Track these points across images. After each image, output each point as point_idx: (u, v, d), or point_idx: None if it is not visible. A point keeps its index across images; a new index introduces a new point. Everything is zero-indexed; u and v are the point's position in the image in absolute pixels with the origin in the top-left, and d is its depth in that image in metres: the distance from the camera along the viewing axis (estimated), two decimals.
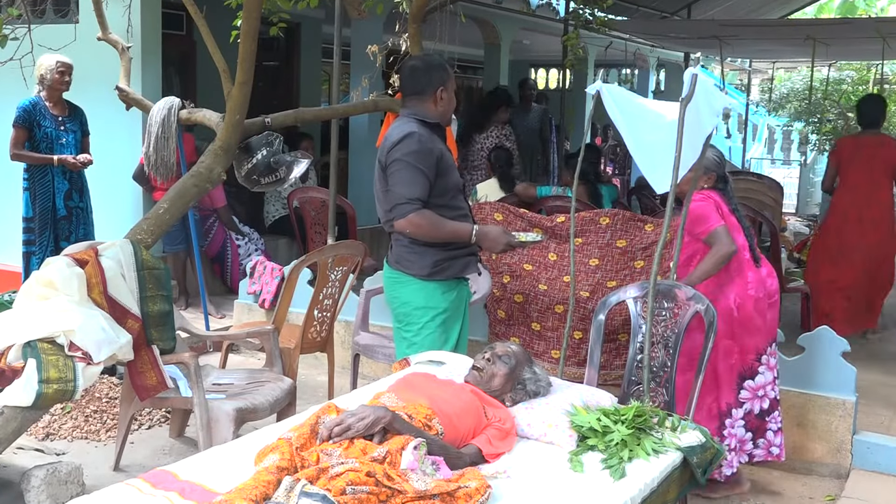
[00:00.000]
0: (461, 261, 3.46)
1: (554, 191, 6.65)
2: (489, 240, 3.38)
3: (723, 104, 3.68)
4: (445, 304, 3.44)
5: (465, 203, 3.58)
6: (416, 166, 3.27)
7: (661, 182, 3.53)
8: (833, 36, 9.19)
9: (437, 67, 3.50)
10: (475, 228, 3.37)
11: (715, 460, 2.82)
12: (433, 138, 3.39)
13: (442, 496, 2.14)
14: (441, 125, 3.53)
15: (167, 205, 4.27)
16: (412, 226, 3.29)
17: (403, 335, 3.52)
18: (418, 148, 3.29)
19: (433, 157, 3.32)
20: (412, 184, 3.27)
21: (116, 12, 5.78)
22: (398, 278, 3.47)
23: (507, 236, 3.41)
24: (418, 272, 3.40)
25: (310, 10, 5.97)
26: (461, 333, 3.53)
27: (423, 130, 3.36)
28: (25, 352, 3.25)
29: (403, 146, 3.30)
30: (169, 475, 2.25)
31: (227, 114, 4.45)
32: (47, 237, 5.48)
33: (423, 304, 3.43)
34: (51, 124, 5.44)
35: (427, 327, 3.43)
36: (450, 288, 3.45)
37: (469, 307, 3.69)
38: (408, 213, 3.27)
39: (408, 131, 3.32)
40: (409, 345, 3.48)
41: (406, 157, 3.28)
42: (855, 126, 15.83)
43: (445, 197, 3.40)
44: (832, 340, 4.20)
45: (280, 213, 7.71)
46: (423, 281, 3.40)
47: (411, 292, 3.43)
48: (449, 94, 3.49)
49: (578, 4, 8.95)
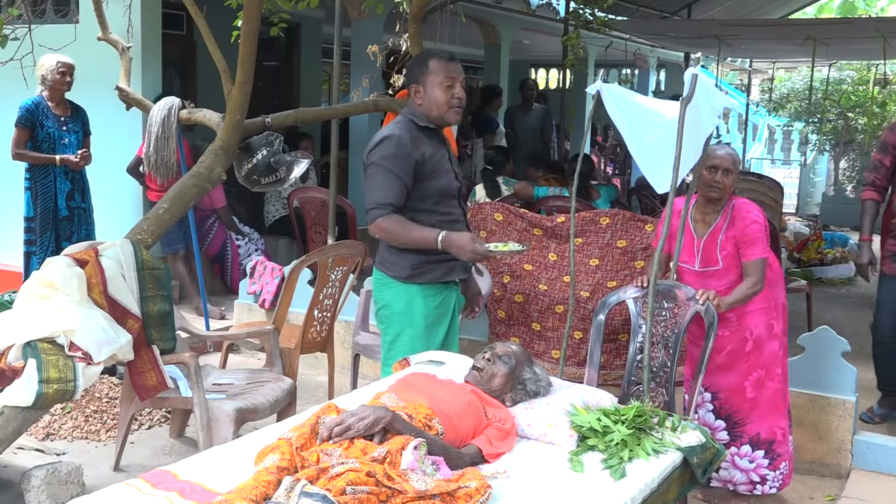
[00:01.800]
0: (443, 266, 3.33)
1: (551, 191, 6.66)
2: (455, 247, 3.18)
3: (723, 104, 3.69)
4: (426, 309, 3.33)
5: (459, 207, 3.45)
6: (390, 170, 3.19)
7: (661, 182, 3.53)
8: (833, 36, 9.19)
9: (416, 62, 3.37)
10: (441, 234, 3.19)
11: (715, 460, 2.82)
12: (419, 141, 3.27)
13: (442, 496, 2.14)
14: (434, 128, 3.36)
15: (167, 205, 4.27)
16: (380, 231, 3.23)
17: (384, 337, 3.46)
18: (395, 152, 3.20)
19: (411, 161, 3.21)
20: (384, 188, 3.20)
21: (116, 12, 5.78)
22: (382, 280, 3.40)
23: (473, 244, 3.17)
24: (398, 274, 3.32)
25: (310, 10, 5.97)
26: (446, 340, 3.41)
27: (407, 133, 3.25)
28: (25, 352, 3.25)
29: (380, 150, 3.23)
30: (169, 475, 2.25)
31: (227, 114, 4.45)
32: (48, 237, 5.48)
33: (403, 308, 3.34)
34: (53, 124, 5.44)
35: (405, 333, 3.35)
36: (435, 292, 3.34)
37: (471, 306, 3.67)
38: (376, 218, 3.21)
39: (387, 134, 3.25)
40: (388, 348, 3.42)
41: (381, 161, 3.21)
42: (855, 125, 15.86)
43: (429, 201, 3.29)
44: (832, 340, 4.19)
45: (280, 213, 7.71)
46: (404, 284, 3.32)
47: (393, 295, 3.36)
48: (427, 92, 3.29)
49: (578, 4, 8.96)
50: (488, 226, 5.00)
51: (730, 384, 3.79)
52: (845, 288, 8.63)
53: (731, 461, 3.83)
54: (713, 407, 3.84)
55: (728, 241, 3.71)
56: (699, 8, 12.31)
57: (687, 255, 3.76)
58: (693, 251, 3.76)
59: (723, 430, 3.84)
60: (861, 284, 8.98)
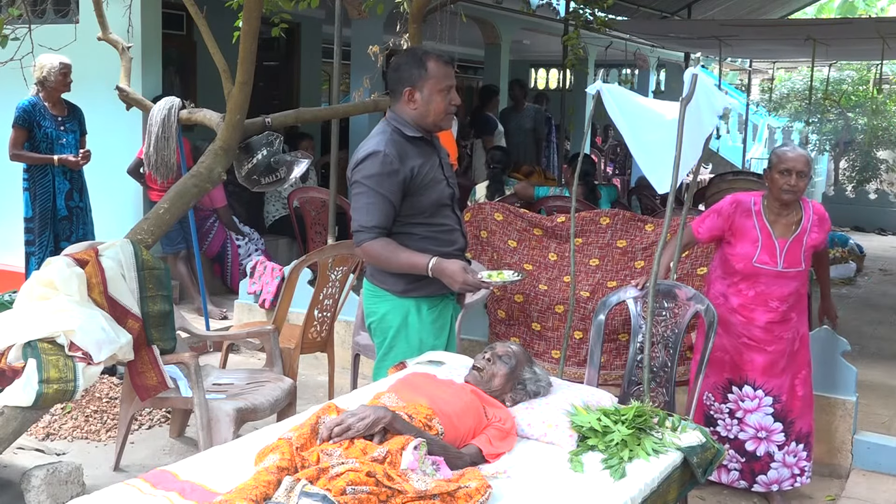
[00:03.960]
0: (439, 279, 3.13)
1: (552, 191, 6.66)
2: (446, 276, 3.03)
3: (723, 104, 3.69)
4: (422, 324, 3.19)
5: (454, 215, 3.28)
6: (375, 191, 3.03)
7: (662, 182, 3.54)
8: (833, 36, 9.19)
9: (409, 63, 3.11)
10: (432, 262, 3.04)
11: (715, 460, 2.82)
12: (407, 154, 3.08)
13: (442, 496, 2.14)
14: (422, 137, 3.16)
15: (167, 205, 4.27)
16: (367, 255, 3.13)
17: (377, 350, 3.35)
18: (380, 170, 3.02)
19: (398, 179, 3.03)
20: (370, 210, 3.05)
21: (116, 12, 5.78)
22: (375, 292, 3.26)
23: (465, 275, 3.01)
24: (393, 287, 3.18)
25: (310, 10, 5.97)
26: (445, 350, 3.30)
27: (394, 148, 3.05)
28: (26, 352, 3.24)
29: (365, 167, 3.05)
30: (169, 475, 2.25)
31: (227, 114, 4.45)
32: (47, 237, 5.48)
33: (399, 323, 3.20)
34: (51, 124, 5.44)
35: (399, 347, 3.24)
36: (431, 305, 3.20)
37: (469, 307, 3.66)
38: (362, 242, 3.09)
39: (372, 150, 3.05)
40: (381, 359, 3.31)
41: (366, 181, 3.04)
42: (855, 125, 15.86)
43: (421, 215, 3.14)
44: (832, 340, 4.19)
45: (280, 213, 7.71)
46: (398, 298, 3.18)
47: (388, 309, 3.22)
48: (426, 96, 3.08)
49: (578, 4, 8.96)
50: (488, 226, 5.00)
51: (788, 385, 3.81)
52: (845, 288, 8.63)
53: (783, 461, 3.84)
54: (774, 410, 3.82)
55: (812, 242, 3.74)
56: (699, 8, 12.30)
57: (767, 255, 3.70)
58: (774, 252, 3.71)
59: (780, 433, 3.84)
60: (861, 284, 8.99)
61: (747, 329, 3.78)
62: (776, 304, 3.73)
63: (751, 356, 3.80)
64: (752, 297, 3.75)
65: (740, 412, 3.85)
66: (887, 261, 10.60)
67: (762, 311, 3.75)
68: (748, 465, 3.88)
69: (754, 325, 3.76)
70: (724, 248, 3.82)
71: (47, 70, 5.35)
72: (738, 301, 3.78)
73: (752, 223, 3.72)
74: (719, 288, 3.86)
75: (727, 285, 3.82)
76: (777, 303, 3.73)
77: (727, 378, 3.86)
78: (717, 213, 3.81)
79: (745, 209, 3.75)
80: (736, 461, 3.89)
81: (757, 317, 3.75)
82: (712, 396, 3.91)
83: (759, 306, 3.74)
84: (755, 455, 3.86)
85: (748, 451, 3.87)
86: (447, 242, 3.21)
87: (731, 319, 3.80)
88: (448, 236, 3.22)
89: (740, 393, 3.84)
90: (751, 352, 3.80)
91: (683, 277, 4.37)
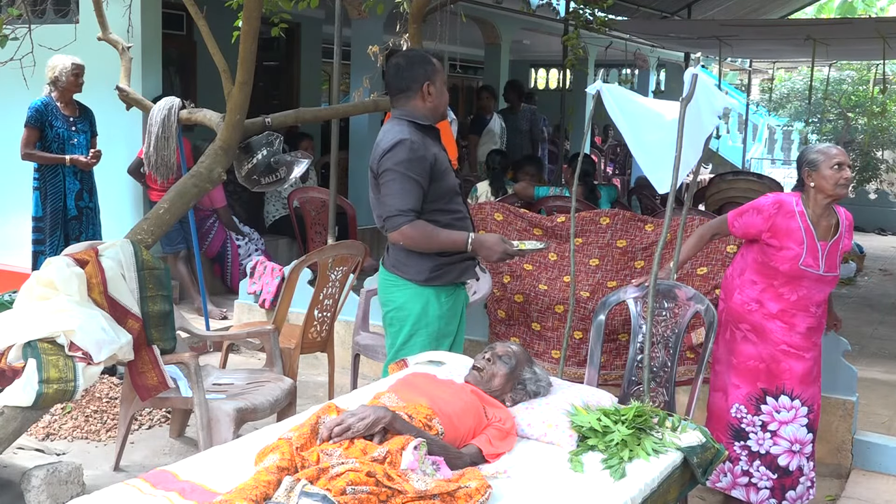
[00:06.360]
0: (459, 266, 3.35)
1: (552, 191, 6.66)
2: (485, 248, 3.26)
3: (723, 104, 3.69)
4: (441, 311, 3.33)
5: (463, 205, 3.48)
6: (408, 175, 3.17)
7: (662, 182, 3.54)
8: (833, 36, 9.19)
9: (421, 61, 3.35)
10: (471, 237, 3.26)
11: (715, 460, 2.82)
12: (426, 142, 3.27)
13: (442, 496, 2.14)
14: (433, 127, 3.39)
15: (167, 205, 4.27)
16: (405, 238, 3.22)
17: (394, 339, 3.42)
18: (410, 156, 3.18)
19: (426, 164, 3.21)
20: (404, 195, 3.18)
21: (116, 12, 5.78)
22: (394, 282, 3.37)
23: (504, 244, 3.27)
24: (415, 277, 3.30)
25: (310, 10, 5.97)
26: (455, 339, 3.42)
27: (415, 135, 3.24)
28: (26, 352, 3.24)
29: (394, 154, 3.19)
30: (169, 475, 2.25)
31: (227, 114, 4.45)
32: (58, 237, 5.48)
33: (419, 311, 3.32)
34: (62, 125, 5.44)
35: (419, 334, 3.34)
36: (448, 294, 3.35)
37: (469, 307, 3.67)
38: (401, 226, 3.19)
39: (399, 138, 3.20)
40: (399, 349, 3.38)
41: (397, 167, 3.18)
42: (855, 125, 15.86)
43: (441, 201, 3.30)
44: (832, 340, 4.19)
45: (280, 213, 7.71)
46: (419, 286, 3.30)
47: (407, 297, 3.33)
48: (438, 88, 3.34)
49: (578, 4, 8.96)
50: (488, 225, 5.00)
51: (818, 393, 3.70)
52: (845, 288, 8.63)
53: (808, 474, 3.68)
54: (808, 420, 3.63)
55: (845, 247, 3.62)
56: (699, 8, 12.31)
57: (811, 258, 3.51)
58: (817, 254, 3.53)
59: (810, 444, 3.66)
60: (861, 284, 8.99)
61: (787, 335, 3.57)
62: (815, 308, 3.58)
63: (789, 364, 3.59)
64: (794, 301, 3.56)
65: (774, 424, 3.62)
66: (887, 261, 10.61)
67: (803, 317, 3.57)
68: (780, 481, 3.64)
69: (795, 330, 3.57)
70: (766, 251, 3.58)
71: (59, 70, 5.36)
72: (779, 306, 3.57)
73: (797, 224, 3.52)
74: (751, 294, 3.63)
75: (762, 290, 3.61)
76: (815, 308, 3.58)
77: (762, 388, 3.63)
78: (756, 211, 3.60)
79: (788, 210, 3.55)
80: (767, 478, 3.64)
81: (798, 322, 3.57)
82: (744, 409, 3.66)
83: (801, 311, 3.57)
84: (787, 470, 3.63)
85: (781, 467, 3.63)
86: (462, 229, 3.37)
87: (768, 326, 3.59)
88: (462, 224, 3.39)
89: (776, 404, 3.61)
90: (789, 359, 3.59)
91: (683, 277, 4.36)
